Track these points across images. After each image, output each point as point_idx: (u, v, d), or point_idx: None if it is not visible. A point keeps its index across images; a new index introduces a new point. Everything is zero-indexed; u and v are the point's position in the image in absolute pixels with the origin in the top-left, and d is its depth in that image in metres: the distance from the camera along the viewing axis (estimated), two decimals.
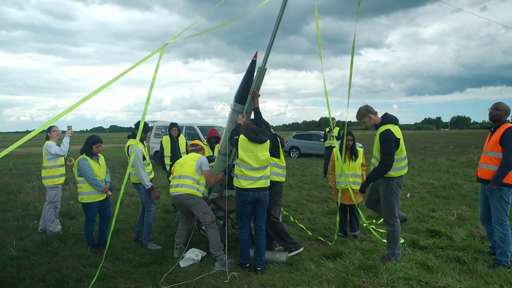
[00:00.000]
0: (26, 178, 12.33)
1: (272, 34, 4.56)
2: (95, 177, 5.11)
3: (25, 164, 17.48)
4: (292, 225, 6.43)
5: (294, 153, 20.45)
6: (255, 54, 4.70)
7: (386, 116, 4.57)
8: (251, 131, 4.41)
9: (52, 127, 6.05)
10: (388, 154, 4.35)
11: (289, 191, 9.78)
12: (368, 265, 4.38)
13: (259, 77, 4.67)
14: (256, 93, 4.73)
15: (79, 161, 5.10)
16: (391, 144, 4.34)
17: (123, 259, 4.88)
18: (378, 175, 4.48)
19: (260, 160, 4.43)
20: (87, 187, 5.13)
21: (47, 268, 4.59)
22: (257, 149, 4.42)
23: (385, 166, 4.37)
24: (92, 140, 5.22)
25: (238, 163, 4.48)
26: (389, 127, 4.41)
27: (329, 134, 12.02)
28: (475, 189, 9.20)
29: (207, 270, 4.49)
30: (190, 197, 4.78)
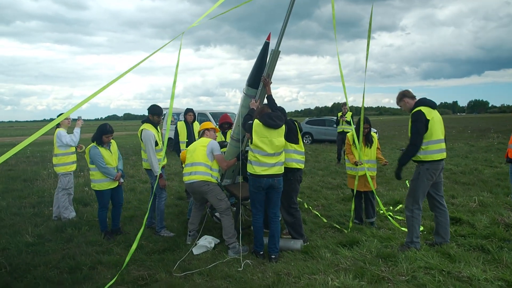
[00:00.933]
0: (42, 166, 12.49)
1: (286, 14, 4.31)
2: (106, 165, 5.06)
3: (42, 152, 17.73)
4: (307, 212, 6.31)
5: (307, 139, 20.21)
6: (268, 36, 4.48)
7: (420, 100, 4.44)
8: (266, 116, 4.24)
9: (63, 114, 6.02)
10: (416, 133, 4.23)
11: (303, 177, 9.58)
12: (387, 254, 4.24)
13: (272, 60, 4.47)
14: (267, 81, 4.56)
15: (90, 149, 5.04)
16: (420, 124, 4.21)
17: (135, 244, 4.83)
18: (407, 155, 4.34)
19: (275, 145, 4.29)
20: (99, 175, 5.09)
21: (61, 254, 4.59)
22: (272, 134, 4.27)
23: (412, 145, 4.26)
24: (103, 130, 5.11)
25: (252, 149, 4.35)
26: (421, 108, 4.28)
27: (342, 119, 11.82)
28: (496, 174, 8.90)
29: (221, 257, 4.42)
30: (204, 184, 4.68)
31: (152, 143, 5.21)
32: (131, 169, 11.43)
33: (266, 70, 4.52)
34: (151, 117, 5.38)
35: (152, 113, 5.39)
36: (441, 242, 4.46)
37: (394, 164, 11.25)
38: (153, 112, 5.39)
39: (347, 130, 12.08)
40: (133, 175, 10.36)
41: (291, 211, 4.86)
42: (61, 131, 6.00)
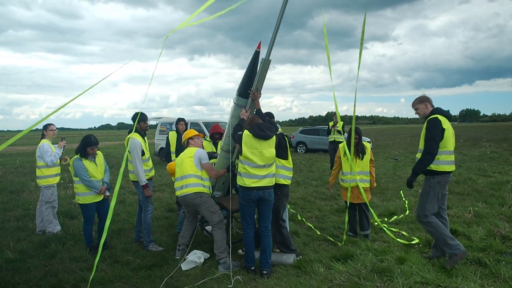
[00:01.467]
0: (30, 177, 12.20)
1: (276, 22, 4.23)
2: (90, 179, 4.87)
3: (31, 163, 17.40)
4: (300, 224, 6.16)
5: (301, 148, 20.12)
6: (258, 44, 4.42)
7: (436, 109, 4.30)
8: (256, 127, 4.12)
9: (49, 125, 5.87)
10: (431, 140, 4.08)
11: (296, 188, 9.50)
12: (382, 268, 4.10)
13: (263, 69, 4.38)
14: (256, 95, 4.47)
15: (74, 162, 4.86)
16: (436, 131, 4.07)
17: (122, 261, 4.65)
18: (423, 164, 4.15)
19: (266, 157, 4.16)
20: (83, 188, 4.91)
21: (43, 272, 4.38)
22: (262, 145, 4.15)
23: (428, 153, 4.10)
24: (87, 142, 4.90)
25: (241, 160, 4.21)
26: (437, 116, 4.15)
27: (334, 128, 11.80)
28: (490, 184, 8.84)
29: (210, 273, 4.25)
30: (197, 196, 4.53)
31: (138, 152, 5.05)
32: (122, 180, 11.17)
33: (256, 82, 4.43)
34: (138, 125, 5.19)
35: (138, 121, 5.15)
36: (438, 256, 4.33)
37: (388, 174, 11.20)
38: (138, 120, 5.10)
39: (339, 140, 12.02)
40: (123, 186, 10.13)
41: (280, 228, 4.71)
42: (45, 144, 5.75)
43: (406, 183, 4.36)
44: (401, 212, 6.54)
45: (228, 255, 4.44)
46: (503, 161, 13.43)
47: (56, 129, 5.98)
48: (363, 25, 4.52)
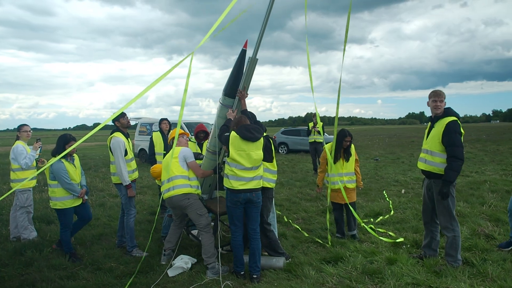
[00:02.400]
0: (2, 180, 11.65)
1: (264, 20, 4.16)
2: (71, 181, 4.64)
3: (3, 165, 16.65)
4: (287, 226, 6.10)
5: (283, 149, 20.14)
6: (245, 43, 4.33)
7: (450, 110, 4.11)
8: (244, 128, 4.02)
9: (23, 126, 5.62)
10: (459, 146, 3.92)
11: (280, 189, 9.45)
12: (372, 270, 4.08)
13: (250, 68, 4.31)
14: (243, 94, 4.40)
15: (54, 164, 4.55)
16: (459, 135, 3.94)
17: (104, 268, 4.45)
18: (455, 171, 3.94)
19: (253, 159, 4.08)
20: (61, 192, 4.64)
21: (19, 281, 4.13)
22: (250, 147, 4.06)
23: (460, 159, 3.93)
24: (64, 140, 4.67)
25: (228, 162, 4.11)
26: (456, 118, 4.01)
27: (314, 129, 11.82)
28: (468, 184, 9.05)
29: (198, 279, 4.11)
30: (184, 198, 4.38)
31: (121, 151, 4.84)
32: (101, 183, 10.86)
33: (243, 81, 4.35)
34: (118, 123, 5.00)
35: (117, 118, 4.95)
36: (432, 255, 4.35)
37: (370, 175, 11.31)
38: (117, 117, 4.92)
39: (319, 140, 12.05)
40: (102, 189, 9.83)
41: (265, 231, 4.61)
42: (19, 145, 5.44)
43: (441, 195, 4.01)
44: (386, 213, 6.58)
45: (216, 259, 4.31)
46: (479, 161, 13.84)
47: (30, 130, 5.66)
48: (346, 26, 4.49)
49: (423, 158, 4.26)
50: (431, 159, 4.13)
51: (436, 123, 4.11)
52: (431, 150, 4.12)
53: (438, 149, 4.05)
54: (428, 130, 4.28)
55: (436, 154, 4.09)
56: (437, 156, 4.07)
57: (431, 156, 4.13)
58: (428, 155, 4.18)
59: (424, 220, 4.54)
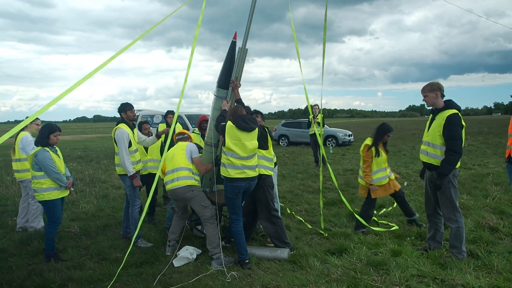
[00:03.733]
0: (5, 171, 11.66)
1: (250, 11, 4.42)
2: (58, 171, 4.47)
3: (6, 156, 16.66)
4: (290, 218, 6.13)
5: (284, 141, 20.14)
6: (234, 35, 4.52)
7: (451, 102, 4.09)
8: (240, 118, 4.15)
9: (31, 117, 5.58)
10: (458, 139, 3.91)
11: (282, 181, 9.48)
12: (377, 261, 4.10)
13: (241, 58, 4.52)
14: (235, 83, 4.57)
15: (38, 153, 4.36)
16: (459, 129, 3.92)
17: (110, 259, 4.48)
18: (451, 165, 3.95)
19: (248, 149, 4.21)
20: (48, 182, 4.42)
21: (27, 271, 4.17)
22: (245, 137, 4.18)
23: (457, 153, 3.93)
24: (50, 129, 4.48)
25: (224, 152, 4.24)
26: (456, 111, 3.99)
27: (314, 120, 11.77)
28: (471, 176, 9.06)
29: (204, 270, 4.14)
30: (189, 190, 4.41)
31: (125, 142, 4.88)
32: (103, 174, 10.87)
33: (235, 71, 4.56)
34: (124, 115, 5.05)
35: (124, 110, 5.03)
36: (437, 247, 4.37)
37: None
38: (123, 109, 5.03)
39: (320, 132, 12.02)
40: (105, 181, 9.84)
41: (272, 219, 4.65)
42: (27, 136, 5.48)
43: (434, 187, 4.10)
44: (389, 205, 6.60)
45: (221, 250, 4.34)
46: (481, 154, 13.84)
47: (40, 123, 5.66)
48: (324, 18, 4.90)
49: (425, 150, 4.26)
50: (433, 152, 4.13)
51: (437, 116, 4.09)
52: (433, 142, 4.12)
53: (439, 141, 4.05)
54: (429, 122, 4.27)
55: (437, 146, 4.08)
56: (439, 149, 4.07)
57: (432, 148, 4.13)
58: (429, 147, 4.18)
59: (427, 213, 4.55)
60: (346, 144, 18.88)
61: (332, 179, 5.52)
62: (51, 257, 4.45)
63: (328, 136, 19.06)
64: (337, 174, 10.54)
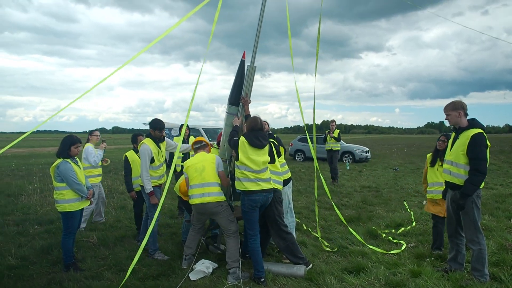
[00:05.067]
0: (27, 180, 12.01)
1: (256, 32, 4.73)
2: (79, 182, 4.55)
3: (28, 165, 17.18)
4: (307, 234, 6.08)
5: (300, 156, 20.07)
6: (243, 54, 4.83)
7: (476, 121, 4.02)
8: (253, 136, 4.31)
9: (93, 131, 6.74)
10: (483, 159, 3.83)
11: (298, 196, 9.44)
12: (396, 282, 4.02)
13: (250, 75, 4.77)
14: (245, 100, 4.77)
15: (60, 164, 4.44)
16: (485, 149, 3.86)
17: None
18: (476, 185, 3.87)
19: (260, 162, 4.31)
20: (70, 194, 4.50)
21: (47, 279, 4.25)
22: (257, 153, 4.31)
23: (482, 173, 3.84)
24: (71, 141, 4.56)
25: (238, 166, 4.32)
26: (481, 131, 3.91)
27: (330, 135, 11.74)
28: (493, 196, 8.82)
29: (220, 284, 4.14)
30: (218, 205, 4.48)
31: (146, 159, 4.91)
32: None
33: (245, 88, 4.79)
34: (152, 132, 5.13)
35: (154, 128, 5.12)
36: (458, 269, 4.26)
37: (389, 184, 11.14)
38: (154, 126, 5.12)
39: (335, 148, 11.96)
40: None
41: (282, 234, 4.63)
42: (89, 147, 6.42)
43: (457, 207, 3.98)
44: (408, 224, 6.47)
45: (238, 265, 4.34)
46: (503, 174, 13.47)
47: (99, 136, 6.72)
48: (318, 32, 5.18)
49: (448, 169, 4.18)
50: (456, 171, 4.05)
51: (461, 135, 4.03)
52: (456, 161, 4.05)
53: (463, 161, 3.98)
54: (452, 141, 4.20)
55: (461, 166, 4.01)
56: (462, 168, 3.99)
57: (456, 167, 4.05)
58: (453, 166, 4.10)
59: (448, 233, 4.44)
60: (363, 160, 18.68)
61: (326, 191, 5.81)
62: (70, 266, 4.52)
63: (344, 152, 18.91)
64: (354, 191, 10.44)
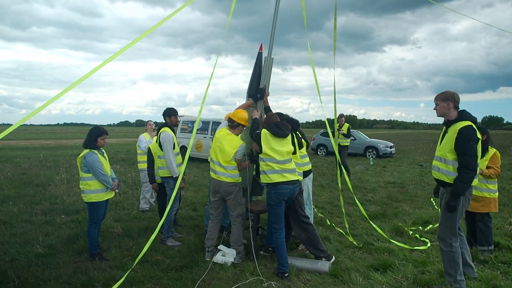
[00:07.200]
0: (55, 171, 12.35)
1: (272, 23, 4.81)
2: (105, 173, 4.58)
3: (55, 156, 17.69)
4: (330, 230, 5.96)
5: (322, 151, 19.83)
6: (260, 46, 4.89)
7: (465, 113, 3.70)
8: (274, 125, 4.26)
9: (148, 121, 7.69)
10: (472, 155, 3.50)
11: (321, 191, 9.30)
12: (424, 281, 3.87)
13: (267, 67, 4.82)
14: (264, 92, 4.82)
15: (87, 155, 4.48)
16: (474, 144, 3.52)
17: (152, 261, 4.55)
18: (466, 183, 3.54)
19: (284, 152, 4.23)
20: (96, 184, 4.54)
21: (73, 268, 4.32)
22: (280, 143, 4.24)
23: (470, 170, 3.52)
24: (98, 132, 4.61)
25: (262, 158, 4.26)
26: (470, 123, 3.58)
27: (339, 131, 11.40)
28: None
29: (243, 278, 4.10)
30: (233, 185, 4.59)
31: (170, 145, 5.12)
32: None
33: (263, 80, 4.85)
34: (168, 120, 5.34)
35: (169, 115, 5.34)
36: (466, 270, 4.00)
37: (415, 181, 10.81)
38: (169, 113, 5.35)
39: (344, 144, 11.64)
40: None
41: (303, 225, 4.56)
42: (141, 135, 7.30)
43: (448, 208, 3.64)
44: (436, 221, 6.24)
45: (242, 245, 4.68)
46: None
47: (153, 125, 7.58)
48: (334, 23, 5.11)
49: (436, 166, 3.84)
50: (445, 168, 3.71)
51: (450, 128, 3.70)
52: (444, 157, 3.72)
53: (451, 156, 3.64)
54: (442, 135, 3.86)
55: (449, 162, 3.66)
56: (450, 164, 3.65)
57: (444, 164, 3.71)
58: (441, 163, 3.76)
59: None
60: (387, 155, 18.27)
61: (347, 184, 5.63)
62: (96, 256, 4.59)
63: (368, 147, 18.54)
64: (378, 186, 10.19)
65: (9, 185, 9.50)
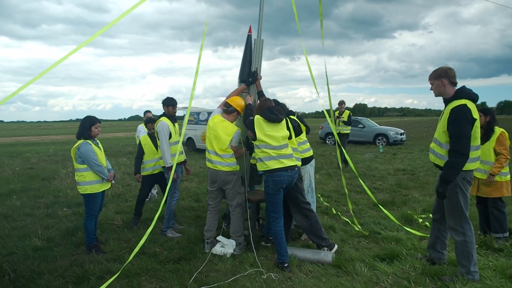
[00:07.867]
0: (62, 164, 12.37)
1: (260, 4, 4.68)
2: (100, 164, 4.45)
3: (64, 151, 17.80)
4: (336, 219, 5.76)
5: (330, 139, 19.53)
6: (249, 29, 4.78)
7: (462, 90, 3.39)
8: (267, 110, 4.06)
9: (147, 111, 7.39)
10: (462, 137, 3.19)
11: (328, 180, 9.09)
12: (434, 271, 3.65)
13: (258, 49, 4.70)
14: (257, 76, 4.67)
15: (81, 146, 4.34)
16: (466, 124, 3.19)
17: (149, 253, 4.43)
18: (455, 169, 3.26)
19: (280, 137, 4.04)
20: (91, 176, 4.41)
21: (69, 261, 4.23)
22: (275, 128, 4.05)
23: (460, 154, 3.21)
24: (91, 121, 4.45)
25: (257, 145, 4.06)
26: (465, 102, 3.27)
27: (339, 119, 11.15)
28: None
29: (241, 270, 3.94)
30: (231, 174, 4.41)
31: (165, 134, 4.98)
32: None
33: (254, 63, 4.72)
34: (166, 109, 5.23)
35: (167, 105, 5.23)
36: (438, 258, 3.85)
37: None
38: (167, 103, 5.24)
39: (345, 132, 11.33)
40: None
41: (304, 211, 4.37)
42: (139, 126, 7.25)
43: (437, 194, 3.46)
44: None
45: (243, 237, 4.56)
46: None
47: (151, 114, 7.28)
48: None
49: (432, 148, 3.58)
50: (440, 151, 3.45)
51: (445, 108, 3.41)
52: (439, 140, 3.45)
53: (444, 139, 3.38)
54: (441, 116, 3.53)
55: (443, 145, 3.40)
56: (444, 148, 3.38)
57: (439, 147, 3.45)
58: (436, 145, 3.49)
59: (433, 216, 3.89)
60: (397, 143, 17.87)
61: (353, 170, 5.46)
62: (92, 248, 4.49)
63: (378, 134, 18.17)
64: (388, 174, 9.93)
65: (16, 179, 9.53)
